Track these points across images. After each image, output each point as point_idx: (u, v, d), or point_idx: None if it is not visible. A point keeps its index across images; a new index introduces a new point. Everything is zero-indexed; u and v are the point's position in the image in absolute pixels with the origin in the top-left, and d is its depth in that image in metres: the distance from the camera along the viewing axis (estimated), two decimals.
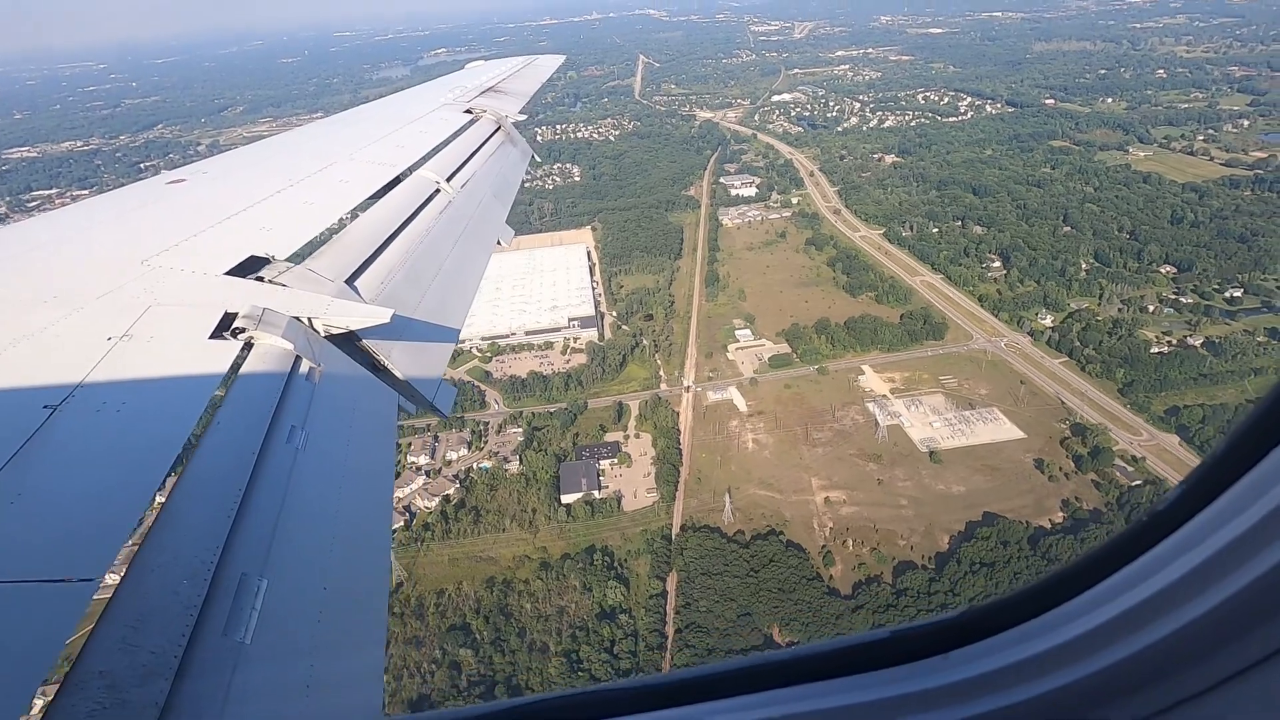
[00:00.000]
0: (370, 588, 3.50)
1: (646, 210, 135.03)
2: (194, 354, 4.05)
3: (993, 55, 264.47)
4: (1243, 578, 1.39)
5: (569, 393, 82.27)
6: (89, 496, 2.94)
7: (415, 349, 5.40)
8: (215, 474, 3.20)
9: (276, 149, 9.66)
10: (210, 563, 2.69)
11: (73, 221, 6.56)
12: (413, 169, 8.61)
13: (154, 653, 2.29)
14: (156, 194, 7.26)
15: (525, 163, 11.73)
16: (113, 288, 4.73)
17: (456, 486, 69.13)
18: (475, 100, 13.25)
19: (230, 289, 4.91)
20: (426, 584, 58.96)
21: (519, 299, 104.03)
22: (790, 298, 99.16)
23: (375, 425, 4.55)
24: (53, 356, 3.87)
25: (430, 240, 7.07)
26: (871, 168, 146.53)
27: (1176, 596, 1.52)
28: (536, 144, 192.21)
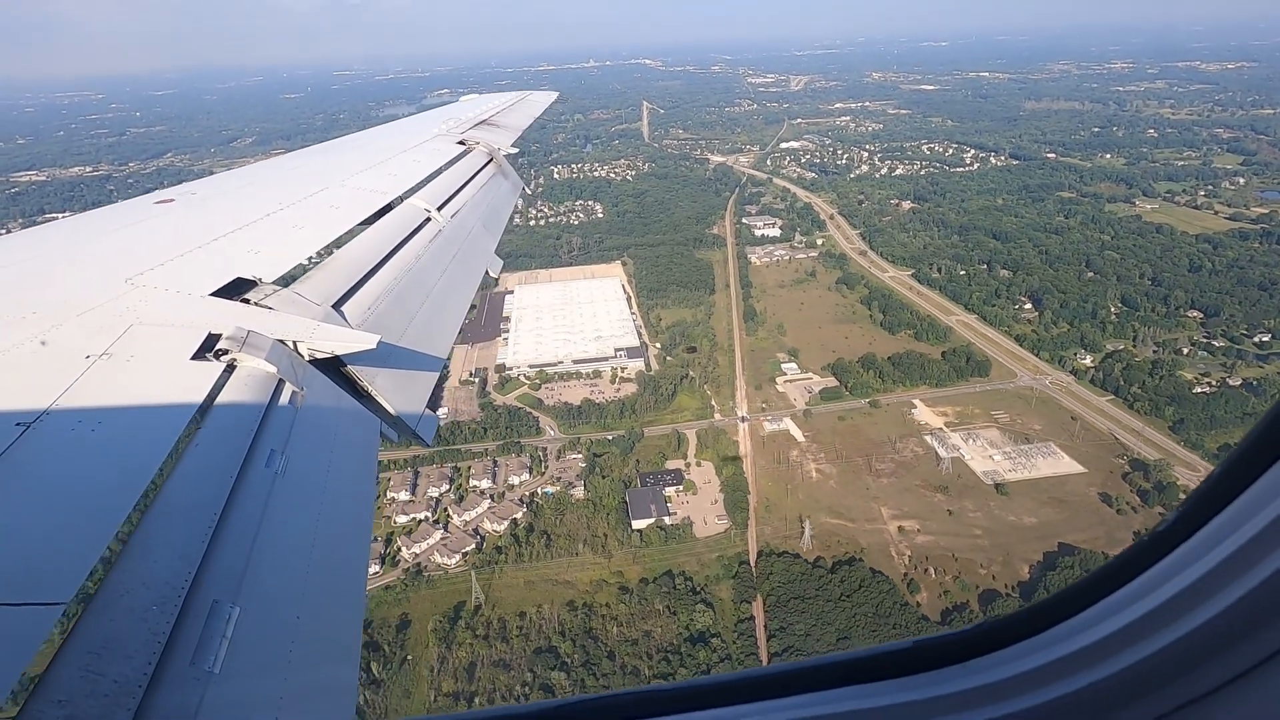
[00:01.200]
0: (344, 618, 3.41)
1: (675, 247, 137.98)
2: (175, 374, 3.99)
3: (987, 112, 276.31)
4: (1239, 589, 1.48)
5: (623, 420, 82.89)
6: (59, 518, 2.84)
7: (400, 376, 5.35)
8: (191, 497, 3.12)
9: (268, 173, 9.65)
10: (181, 589, 2.60)
11: (56, 238, 6.48)
12: (404, 197, 8.61)
13: (117, 681, 2.21)
14: (144, 213, 7.17)
15: (516, 195, 11.77)
16: (94, 305, 4.63)
17: (524, 510, 68.92)
18: (468, 132, 13.39)
19: (215, 310, 4.86)
20: (505, 606, 58.42)
21: (561, 329, 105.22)
22: (829, 333, 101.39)
23: (357, 452, 4.46)
24: (28, 374, 3.78)
25: (419, 268, 7.03)
26: (890, 212, 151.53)
27: (1180, 606, 1.62)
28: (554, 181, 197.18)
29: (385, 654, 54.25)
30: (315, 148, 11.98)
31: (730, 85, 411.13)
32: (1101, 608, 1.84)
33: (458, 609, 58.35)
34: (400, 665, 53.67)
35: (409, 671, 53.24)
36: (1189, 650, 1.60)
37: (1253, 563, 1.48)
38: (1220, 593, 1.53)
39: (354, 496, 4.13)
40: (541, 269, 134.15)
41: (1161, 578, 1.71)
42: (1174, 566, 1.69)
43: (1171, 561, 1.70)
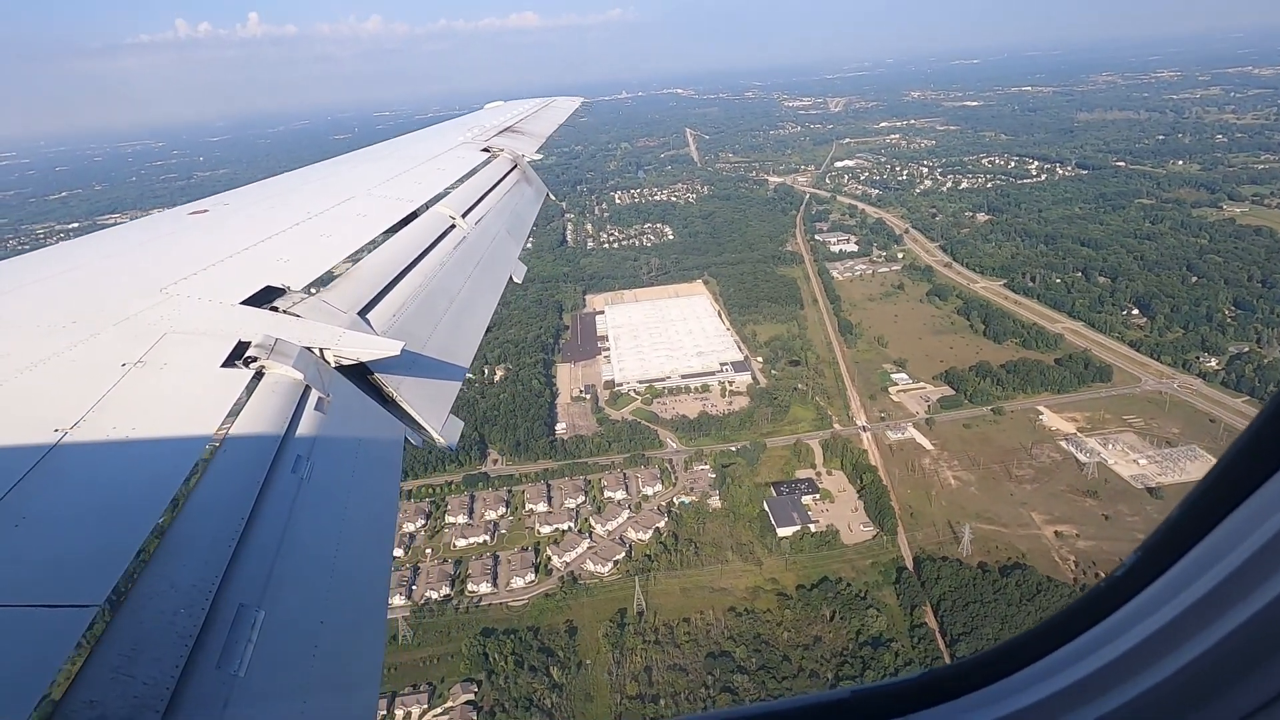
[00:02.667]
0: (368, 623, 3.44)
1: (755, 265, 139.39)
2: (206, 382, 4.07)
3: (1040, 124, 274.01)
4: (1218, 632, 1.37)
5: (742, 433, 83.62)
6: (92, 521, 2.90)
7: (425, 382, 5.39)
8: (219, 502, 3.17)
9: (298, 183, 9.77)
10: (209, 592, 2.65)
11: (95, 249, 6.65)
12: (429, 205, 8.68)
13: (146, 684, 2.25)
14: (179, 224, 7.33)
15: (540, 201, 11.73)
16: (130, 314, 4.76)
17: (665, 520, 69.79)
18: (493, 139, 13.40)
19: (245, 318, 4.96)
20: (666, 613, 59.05)
21: (661, 345, 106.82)
22: (931, 344, 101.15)
23: (381, 458, 4.53)
24: (67, 380, 3.88)
25: (443, 275, 7.06)
26: (967, 224, 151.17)
27: (1155, 649, 1.50)
28: (617, 206, 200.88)
29: (560, 659, 55.20)
30: (343, 157, 12.06)
31: (768, 110, 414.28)
32: (1068, 651, 1.73)
33: (619, 615, 59.16)
34: (577, 669, 54.53)
35: (586, 676, 54.04)
36: (1167, 697, 1.47)
37: (1236, 599, 1.36)
38: (1200, 634, 1.41)
39: (378, 502, 4.15)
40: (625, 289, 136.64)
41: (1135, 617, 1.60)
42: (1149, 604, 1.57)
43: (1145, 599, 1.59)
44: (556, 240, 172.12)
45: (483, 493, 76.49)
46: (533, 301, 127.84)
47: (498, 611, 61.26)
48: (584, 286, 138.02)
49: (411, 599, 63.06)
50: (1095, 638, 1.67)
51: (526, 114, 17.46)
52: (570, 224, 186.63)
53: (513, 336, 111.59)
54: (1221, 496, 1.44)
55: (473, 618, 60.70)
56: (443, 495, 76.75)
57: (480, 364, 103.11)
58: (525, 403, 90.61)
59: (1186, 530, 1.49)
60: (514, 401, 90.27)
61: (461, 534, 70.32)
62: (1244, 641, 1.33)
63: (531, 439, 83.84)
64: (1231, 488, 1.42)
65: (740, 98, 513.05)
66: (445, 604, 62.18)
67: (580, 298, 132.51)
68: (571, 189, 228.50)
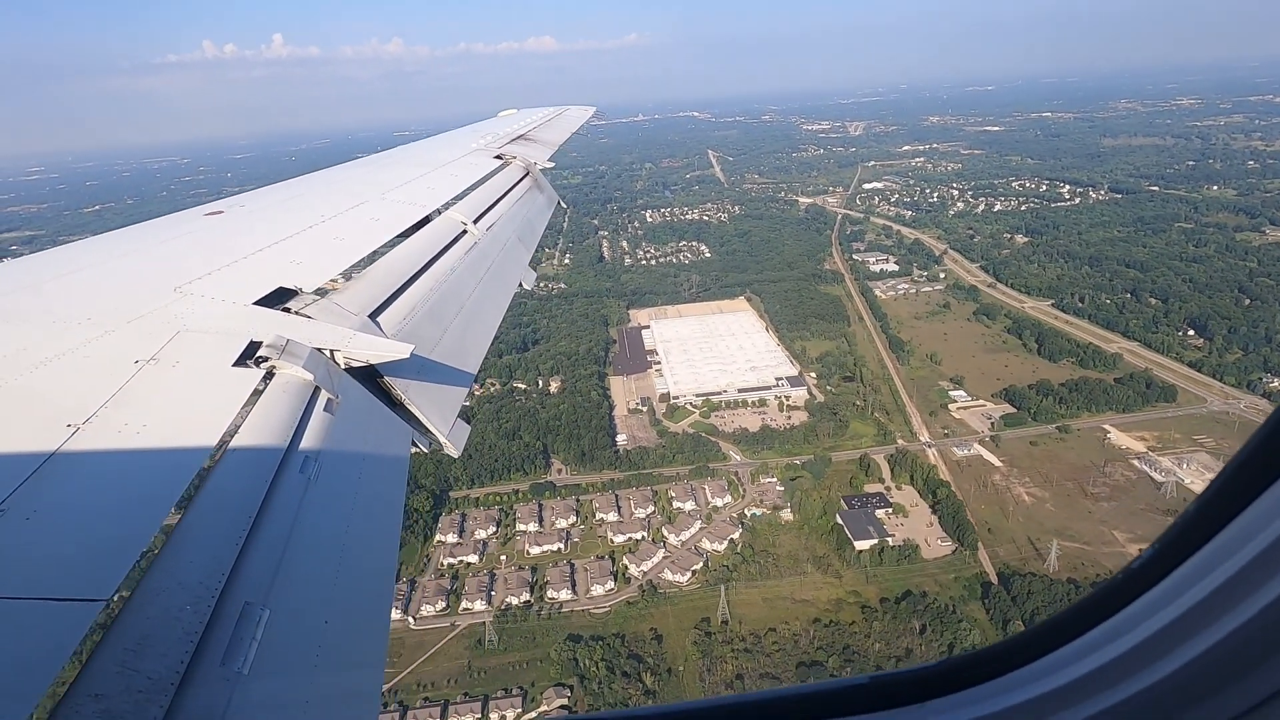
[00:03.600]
0: (371, 624, 3.47)
1: (796, 282, 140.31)
2: (216, 380, 4.11)
3: (1065, 149, 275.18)
4: (1221, 629, 1.41)
5: (805, 446, 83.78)
6: (102, 516, 2.94)
7: (433, 386, 5.43)
8: (226, 500, 3.20)
9: (312, 186, 9.85)
10: (215, 590, 2.67)
11: (111, 247, 6.68)
12: (441, 210, 8.75)
13: (151, 679, 2.27)
14: (194, 225, 7.41)
15: (551, 209, 11.75)
16: (144, 313, 4.80)
17: (740, 531, 69.84)
18: (505, 147, 13.56)
19: (257, 318, 5.00)
20: (750, 623, 58.98)
21: (713, 360, 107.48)
22: (985, 362, 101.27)
23: (388, 460, 4.57)
24: (80, 376, 3.94)
25: (454, 280, 7.12)
26: (1006, 246, 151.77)
27: (1159, 647, 1.54)
28: (648, 224, 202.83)
29: (650, 665, 55.15)
30: (358, 161, 12.20)
31: (787, 133, 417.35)
32: (1077, 646, 1.78)
33: (703, 624, 59.10)
34: (668, 676, 54.44)
35: (677, 682, 53.92)
36: (1167, 694, 1.52)
37: (1237, 600, 1.41)
38: (1203, 631, 1.46)
39: (384, 504, 4.19)
40: (668, 305, 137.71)
41: (1139, 616, 1.65)
42: (1154, 603, 1.62)
43: (1152, 598, 1.63)
44: (595, 256, 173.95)
45: (550, 501, 76.85)
46: (579, 315, 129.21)
47: (580, 618, 61.32)
48: (627, 301, 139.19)
49: (491, 604, 63.26)
50: (1102, 634, 1.70)
51: (539, 122, 17.54)
52: (605, 241, 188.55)
53: (564, 349, 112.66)
54: (1220, 507, 1.48)
55: (555, 624, 60.80)
56: (510, 503, 77.17)
57: (535, 375, 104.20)
58: (585, 414, 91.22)
59: (1186, 538, 1.53)
60: (575, 413, 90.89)
61: (535, 542, 70.57)
62: (1237, 646, 1.37)
63: (596, 449, 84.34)
64: (1229, 499, 1.46)
65: (758, 121, 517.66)
66: (527, 610, 62.32)
67: (624, 312, 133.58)
68: (602, 207, 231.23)
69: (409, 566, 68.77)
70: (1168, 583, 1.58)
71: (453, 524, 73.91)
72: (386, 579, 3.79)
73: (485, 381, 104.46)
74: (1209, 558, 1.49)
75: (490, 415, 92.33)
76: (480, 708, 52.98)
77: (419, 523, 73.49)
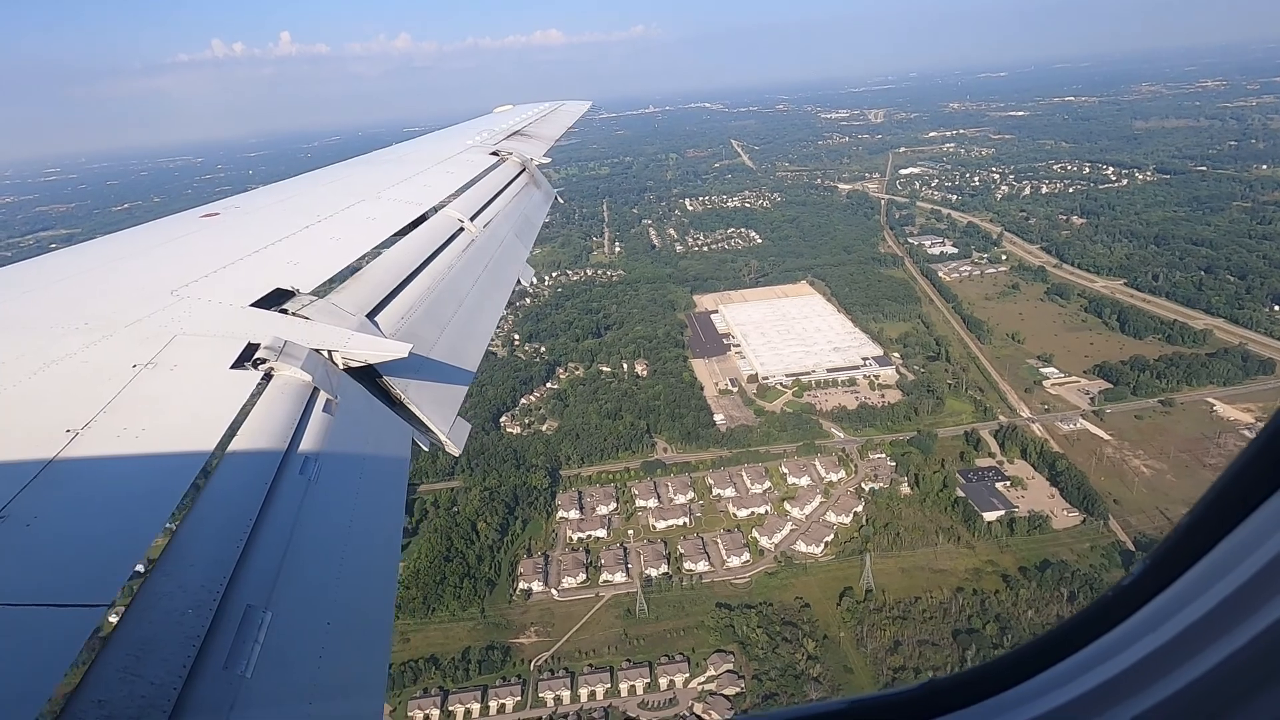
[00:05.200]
0: (374, 624, 3.46)
1: (857, 266, 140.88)
2: (215, 383, 4.10)
3: (1097, 132, 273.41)
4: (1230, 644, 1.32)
5: (907, 423, 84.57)
6: (102, 521, 2.93)
7: (433, 384, 5.42)
8: (227, 504, 3.19)
9: (308, 186, 9.82)
10: (216, 593, 2.66)
11: (108, 252, 6.68)
12: (438, 208, 8.69)
13: (154, 684, 2.26)
14: (190, 227, 7.37)
15: (548, 204, 11.71)
16: (141, 316, 4.80)
17: (862, 504, 70.76)
18: (502, 143, 13.44)
19: (254, 320, 4.99)
20: (893, 591, 59.93)
21: (793, 341, 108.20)
22: (1068, 341, 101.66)
23: (389, 460, 4.56)
24: (79, 381, 3.92)
25: (451, 278, 7.08)
26: (1064, 227, 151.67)
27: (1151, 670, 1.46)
28: (689, 212, 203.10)
29: (806, 632, 56.18)
30: (354, 160, 12.12)
31: (806, 122, 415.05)
32: (1071, 664, 1.69)
33: (845, 593, 60.10)
34: (823, 641, 55.50)
35: (836, 648, 55.01)
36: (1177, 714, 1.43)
37: (1251, 609, 1.32)
38: (1212, 645, 1.38)
39: (385, 504, 4.18)
40: (731, 290, 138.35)
41: (1131, 636, 1.57)
42: (1146, 623, 1.55)
43: (1143, 618, 1.56)
44: (645, 244, 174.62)
45: (663, 478, 77.90)
46: (647, 301, 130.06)
47: (722, 588, 62.44)
48: (689, 287, 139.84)
49: (630, 575, 64.45)
50: (1100, 650, 1.62)
51: (535, 118, 17.45)
52: (652, 229, 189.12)
53: (641, 334, 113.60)
54: (1234, 504, 1.40)
55: (699, 593, 61.95)
56: (622, 481, 78.28)
57: (618, 359, 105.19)
58: (681, 395, 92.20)
59: (1197, 539, 1.45)
60: (672, 394, 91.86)
61: (658, 516, 71.67)
62: (1257, 655, 1.28)
63: (699, 428, 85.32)
64: (1244, 495, 1.38)
65: (772, 111, 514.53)
66: (668, 580, 63.45)
67: (690, 298, 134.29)
68: (638, 196, 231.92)
69: (538, 541, 70.04)
70: (1177, 587, 1.47)
71: (571, 501, 75.07)
72: (389, 579, 3.77)
73: (569, 366, 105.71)
74: (1224, 558, 1.39)
75: (587, 397, 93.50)
76: (648, 670, 54.23)
77: (539, 499, 74.78)
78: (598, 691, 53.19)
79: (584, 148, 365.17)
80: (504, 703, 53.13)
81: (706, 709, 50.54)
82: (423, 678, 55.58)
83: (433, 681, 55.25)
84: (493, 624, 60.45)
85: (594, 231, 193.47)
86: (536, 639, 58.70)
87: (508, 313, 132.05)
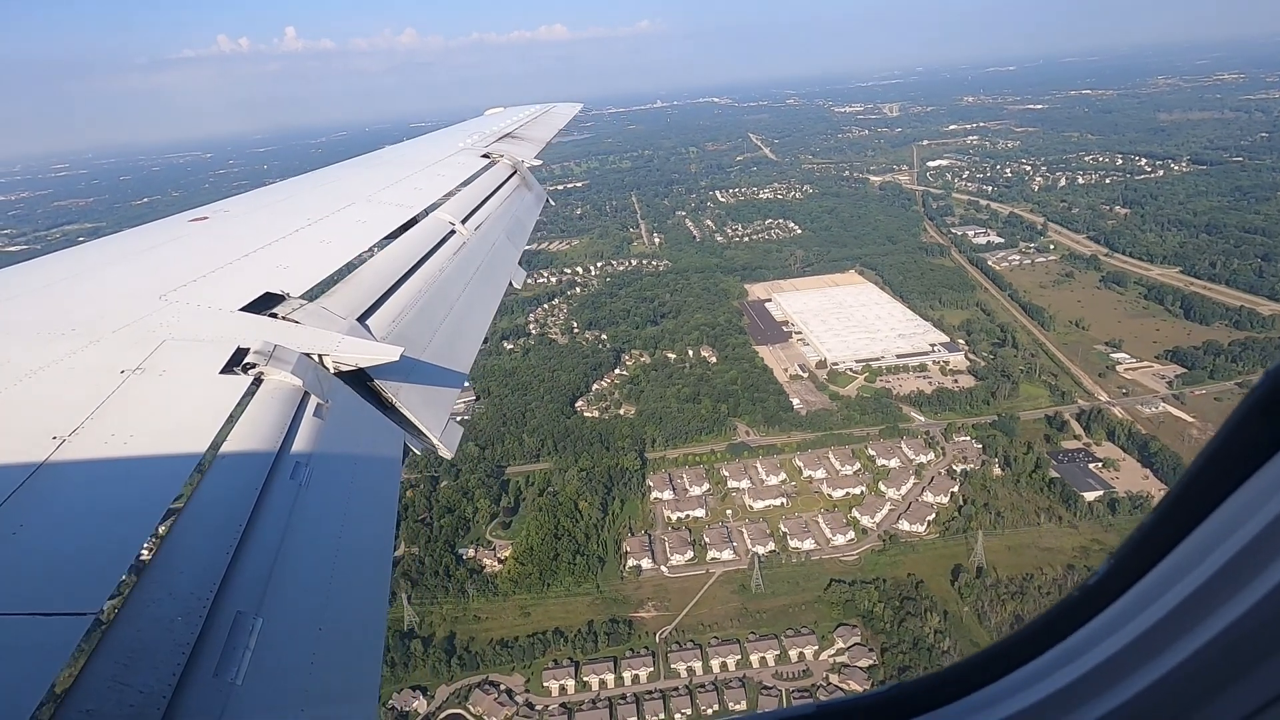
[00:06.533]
0: (366, 631, 3.43)
1: (905, 255, 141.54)
2: (204, 388, 4.07)
3: (1121, 125, 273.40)
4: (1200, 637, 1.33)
5: (984, 407, 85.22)
6: (89, 529, 2.90)
7: (425, 387, 5.39)
8: (216, 509, 3.16)
9: (297, 190, 9.79)
10: (206, 600, 2.64)
11: (95, 257, 6.62)
12: (429, 211, 8.66)
13: (143, 692, 2.24)
14: (178, 231, 7.31)
15: (540, 206, 11.72)
16: (129, 322, 4.74)
17: (958, 485, 71.45)
18: (493, 145, 13.43)
19: (244, 325, 4.96)
20: (1004, 569, 60.61)
21: (856, 329, 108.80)
22: (1133, 327, 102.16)
23: (380, 464, 4.55)
24: (65, 388, 3.89)
25: (443, 281, 7.07)
26: (1110, 217, 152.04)
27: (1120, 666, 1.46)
28: (720, 204, 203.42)
29: (926, 606, 56.90)
30: (345, 163, 12.10)
31: (819, 116, 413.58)
32: (1027, 672, 1.70)
33: (956, 570, 60.82)
34: (946, 617, 56.24)
35: (958, 623, 55.75)
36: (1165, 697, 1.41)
37: (1220, 601, 1.30)
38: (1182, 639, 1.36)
39: (378, 508, 4.16)
40: (780, 279, 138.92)
41: (1097, 637, 1.57)
42: (1111, 623, 1.55)
43: (1108, 618, 1.56)
44: (685, 236, 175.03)
45: (750, 460, 78.59)
46: (700, 290, 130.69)
47: (832, 565, 63.20)
48: (739, 276, 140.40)
49: (736, 553, 65.23)
50: (1066, 651, 1.62)
51: (526, 120, 17.46)
52: (688, 220, 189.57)
53: (700, 321, 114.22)
54: (1202, 496, 1.40)
55: (809, 570, 62.75)
56: (710, 463, 78.96)
57: (684, 346, 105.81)
58: (756, 380, 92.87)
59: (1165, 532, 1.45)
60: (747, 379, 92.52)
61: (755, 497, 72.40)
62: (1229, 647, 1.29)
63: (779, 412, 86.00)
64: (1211, 487, 1.38)
65: (782, 105, 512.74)
66: (774, 558, 64.18)
67: (740, 287, 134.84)
68: (666, 189, 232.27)
69: (637, 521, 70.79)
70: (1149, 580, 1.48)
71: (663, 482, 75.76)
72: (381, 583, 3.75)
73: (632, 352, 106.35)
74: (1192, 552, 1.40)
75: (662, 382, 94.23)
76: (778, 644, 55.01)
77: (632, 480, 75.52)
78: (729, 663, 54.02)
79: (599, 142, 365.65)
80: (636, 673, 54.01)
81: (844, 679, 51.30)
82: (551, 649, 56.36)
83: (562, 654, 56.07)
84: (609, 599, 61.26)
85: (629, 223, 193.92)
86: (656, 613, 59.51)
87: (561, 301, 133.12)
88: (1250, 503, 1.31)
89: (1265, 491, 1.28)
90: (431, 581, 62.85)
